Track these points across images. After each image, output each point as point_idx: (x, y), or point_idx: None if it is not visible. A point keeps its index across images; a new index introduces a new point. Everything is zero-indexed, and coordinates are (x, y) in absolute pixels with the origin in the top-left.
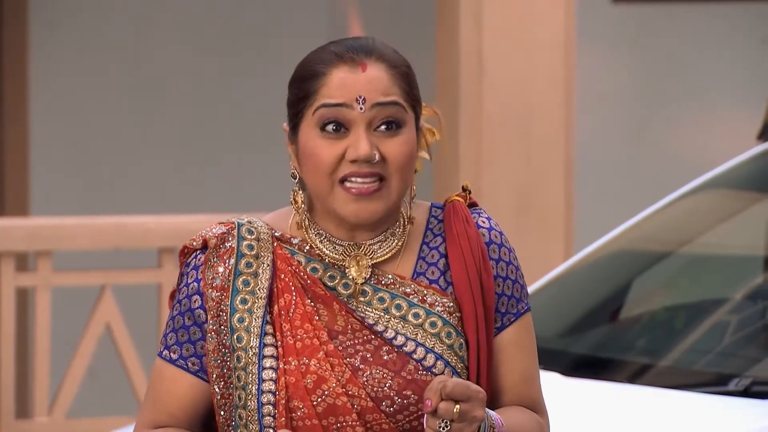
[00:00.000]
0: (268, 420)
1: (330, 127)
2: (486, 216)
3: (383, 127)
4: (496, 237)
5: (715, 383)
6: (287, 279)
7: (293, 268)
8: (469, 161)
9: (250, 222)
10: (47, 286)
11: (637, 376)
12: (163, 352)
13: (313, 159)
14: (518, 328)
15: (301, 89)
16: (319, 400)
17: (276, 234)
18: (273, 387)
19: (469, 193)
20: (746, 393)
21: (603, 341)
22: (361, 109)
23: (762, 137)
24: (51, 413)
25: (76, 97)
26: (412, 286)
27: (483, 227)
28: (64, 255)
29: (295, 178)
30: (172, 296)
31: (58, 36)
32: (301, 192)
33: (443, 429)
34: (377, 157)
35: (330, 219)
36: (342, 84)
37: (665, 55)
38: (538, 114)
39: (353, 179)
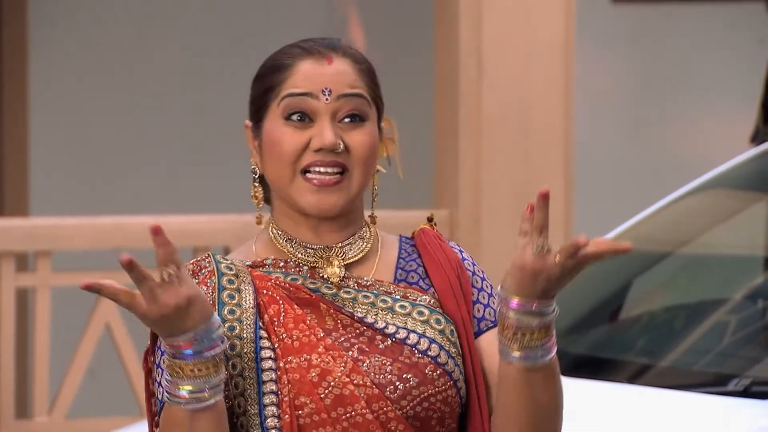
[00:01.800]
0: (272, 422)
1: (295, 117)
2: (455, 243)
3: (347, 119)
4: (468, 257)
5: (715, 383)
6: (271, 292)
7: (273, 281)
8: (469, 161)
9: (221, 255)
10: (47, 286)
11: (636, 376)
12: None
13: (277, 147)
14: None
15: (267, 82)
16: (326, 392)
17: (247, 263)
18: (274, 387)
19: (435, 224)
20: (746, 393)
21: (603, 341)
22: (326, 100)
23: (755, 140)
24: (51, 413)
25: (76, 97)
26: (392, 287)
27: (455, 248)
28: (63, 255)
29: (255, 174)
30: (148, 354)
31: (57, 36)
32: (260, 188)
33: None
34: (341, 146)
35: (291, 217)
36: (308, 75)
37: (664, 54)
38: (538, 114)
39: (315, 168)
